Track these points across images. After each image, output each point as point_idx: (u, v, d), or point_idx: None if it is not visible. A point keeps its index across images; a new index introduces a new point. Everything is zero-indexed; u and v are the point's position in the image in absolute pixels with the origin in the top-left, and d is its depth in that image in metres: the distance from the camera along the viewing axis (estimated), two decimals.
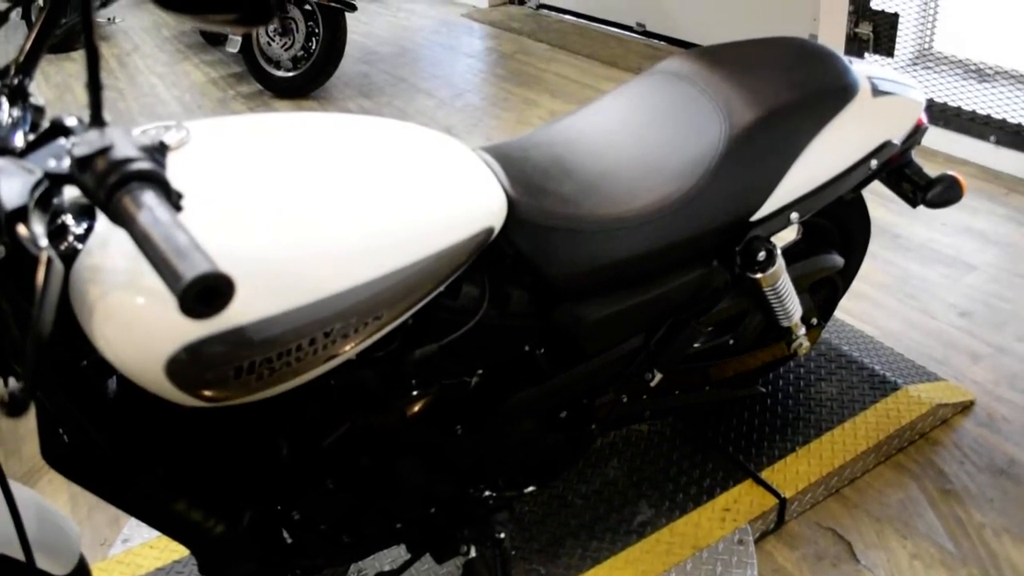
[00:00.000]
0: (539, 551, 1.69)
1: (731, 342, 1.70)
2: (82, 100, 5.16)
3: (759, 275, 1.48)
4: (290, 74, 4.71)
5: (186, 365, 0.97)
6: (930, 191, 1.68)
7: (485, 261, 1.28)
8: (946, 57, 3.46)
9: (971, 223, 2.84)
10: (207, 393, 1.01)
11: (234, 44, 4.73)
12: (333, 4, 4.39)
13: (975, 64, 3.38)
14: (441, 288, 1.17)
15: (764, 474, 1.81)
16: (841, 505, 1.83)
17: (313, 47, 4.59)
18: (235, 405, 1.10)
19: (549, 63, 4.85)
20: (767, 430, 1.93)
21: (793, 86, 1.47)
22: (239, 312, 0.97)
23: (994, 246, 2.71)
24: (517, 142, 1.42)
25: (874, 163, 1.56)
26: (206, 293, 0.65)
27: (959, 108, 3.22)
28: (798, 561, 1.71)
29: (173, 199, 0.74)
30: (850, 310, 2.44)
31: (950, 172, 1.70)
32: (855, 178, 1.55)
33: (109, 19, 7.16)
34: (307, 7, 4.50)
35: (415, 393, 1.30)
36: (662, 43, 4.88)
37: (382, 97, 4.61)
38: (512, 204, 1.26)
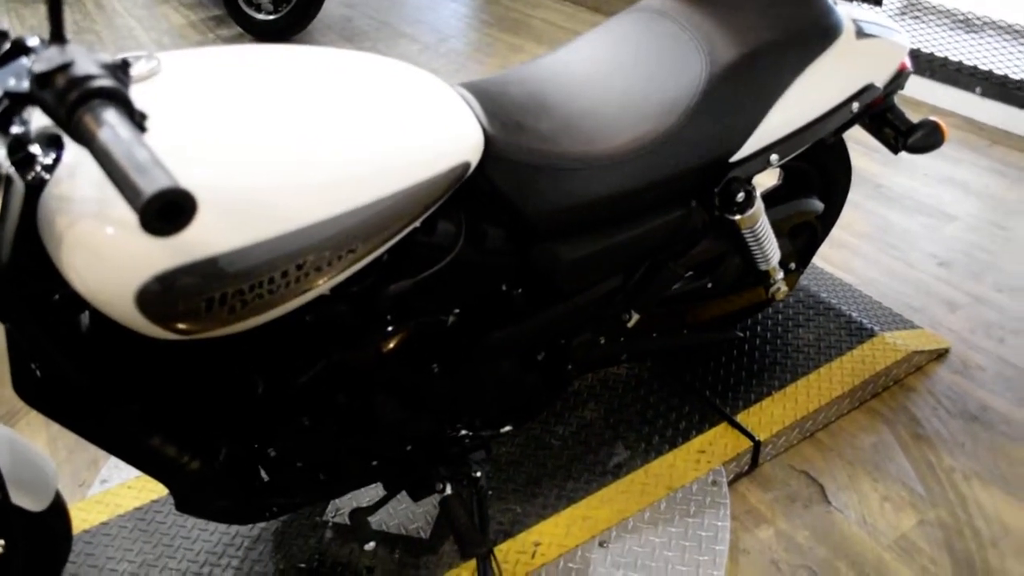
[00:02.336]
0: (515, 491, 1.70)
1: (709, 285, 1.70)
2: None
3: (737, 217, 1.48)
4: (271, 17, 4.62)
5: (157, 296, 0.96)
6: (911, 136, 1.67)
7: (462, 197, 1.27)
8: (934, 6, 3.43)
9: (953, 173, 2.84)
10: (179, 325, 1.00)
11: None
12: None
13: (963, 14, 3.35)
14: (417, 223, 1.16)
15: (739, 417, 1.83)
16: (815, 449, 1.85)
17: None
18: (209, 339, 1.09)
19: (535, 8, 4.78)
20: (743, 374, 1.95)
21: (776, 25, 1.45)
22: (210, 242, 0.96)
23: (975, 197, 2.71)
24: (496, 79, 1.40)
25: (856, 106, 1.55)
26: (167, 209, 0.64)
27: (945, 58, 3.21)
28: (771, 502, 1.74)
29: (136, 118, 0.73)
30: (830, 258, 2.45)
31: (932, 118, 1.69)
32: (836, 121, 1.54)
33: None
34: None
35: (390, 329, 1.30)
36: None
37: (365, 41, 4.54)
38: (489, 140, 1.25)
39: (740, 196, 1.45)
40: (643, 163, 1.33)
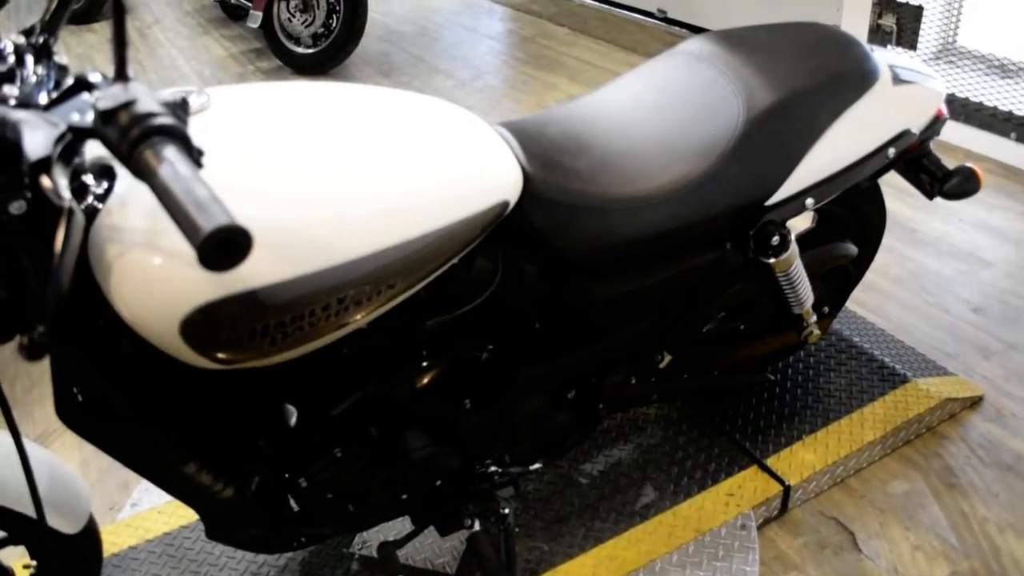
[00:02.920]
0: (543, 529, 1.70)
1: (742, 327, 1.70)
2: (105, 71, 5.17)
3: (772, 260, 1.48)
4: (310, 51, 4.71)
5: (200, 326, 0.98)
6: (947, 182, 1.67)
7: (500, 235, 1.28)
8: (970, 52, 3.43)
9: (988, 219, 2.82)
10: (220, 355, 1.02)
11: (254, 19, 4.73)
12: None
13: (999, 59, 3.35)
14: (455, 260, 1.18)
15: (769, 461, 1.81)
16: (846, 495, 1.83)
17: (334, 24, 4.59)
18: (248, 369, 1.11)
19: (569, 47, 4.83)
20: (774, 418, 1.94)
21: (813, 71, 1.46)
22: (255, 275, 0.98)
23: (1010, 243, 2.69)
24: (535, 118, 1.42)
25: (892, 152, 1.56)
26: (224, 245, 0.66)
27: (980, 103, 3.20)
28: (800, 548, 1.71)
29: (194, 155, 0.75)
30: (863, 302, 2.43)
31: (968, 164, 1.69)
32: (872, 166, 1.54)
33: None
34: None
35: (425, 364, 1.31)
36: (683, 30, 4.85)
37: (401, 77, 4.61)
38: (528, 179, 1.27)
39: (775, 240, 1.45)
40: (679, 205, 1.34)
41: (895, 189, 2.92)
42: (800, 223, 1.87)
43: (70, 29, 6.16)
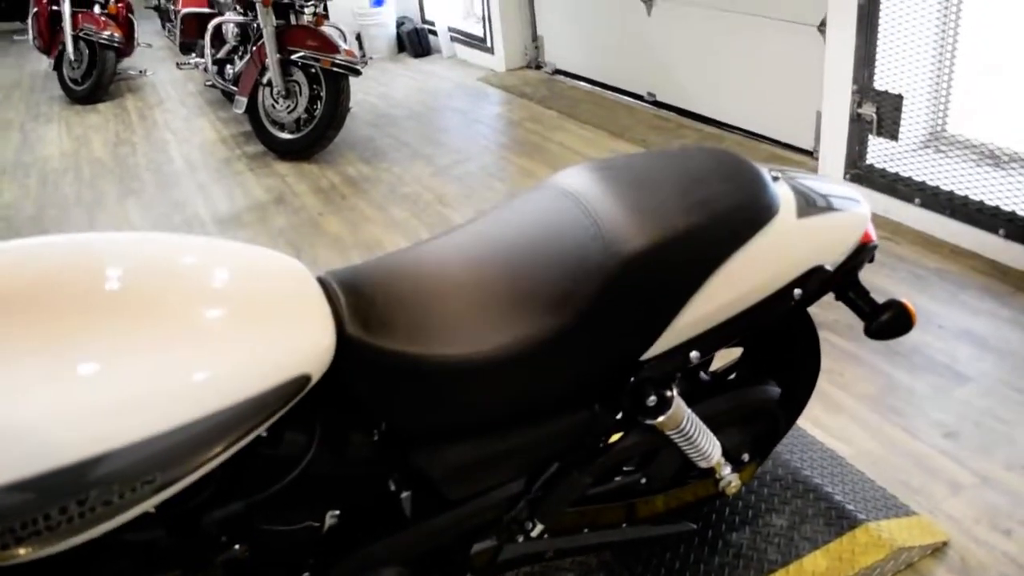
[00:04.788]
0: None
1: (643, 481, 1.51)
2: (97, 153, 5.20)
3: (656, 419, 1.30)
4: (293, 136, 4.68)
5: None
6: (874, 320, 1.48)
7: (318, 402, 1.13)
8: (959, 140, 3.25)
9: (971, 326, 2.61)
10: None
11: (240, 104, 4.73)
12: (337, 69, 4.36)
13: (990, 148, 3.16)
14: (242, 443, 1.02)
15: None
16: None
17: (317, 110, 4.55)
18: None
19: (555, 131, 4.73)
20: (701, 568, 1.73)
21: (695, 208, 1.28)
22: None
23: (992, 354, 2.47)
24: (376, 264, 1.28)
25: (798, 292, 1.38)
26: None
27: (966, 197, 3.01)
28: None
29: None
30: (823, 423, 2.23)
31: (899, 299, 1.50)
32: (773, 310, 1.36)
33: (141, 72, 7.30)
34: (312, 71, 4.48)
35: (236, 548, 1.15)
36: (672, 113, 4.73)
37: (381, 163, 4.54)
38: (348, 341, 1.12)
39: (651, 400, 1.28)
40: (523, 367, 1.17)
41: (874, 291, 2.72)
42: (726, 355, 1.70)
43: (74, 109, 6.25)
